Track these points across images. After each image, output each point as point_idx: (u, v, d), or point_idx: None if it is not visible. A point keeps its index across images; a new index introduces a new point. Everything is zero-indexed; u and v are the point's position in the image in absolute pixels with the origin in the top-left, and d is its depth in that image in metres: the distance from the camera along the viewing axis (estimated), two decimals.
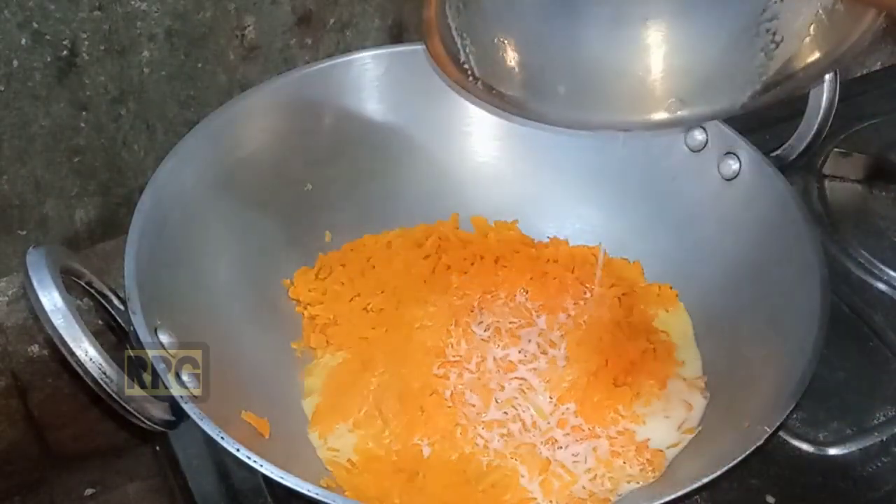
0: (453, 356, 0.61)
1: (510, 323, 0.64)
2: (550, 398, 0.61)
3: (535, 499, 0.56)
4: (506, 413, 0.60)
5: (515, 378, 0.61)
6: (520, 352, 0.63)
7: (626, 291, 0.67)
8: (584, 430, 0.59)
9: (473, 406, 0.60)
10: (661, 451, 0.57)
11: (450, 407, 0.59)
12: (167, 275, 0.57)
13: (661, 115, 0.53)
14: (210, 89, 0.70)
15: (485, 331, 0.64)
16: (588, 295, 0.66)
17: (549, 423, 0.59)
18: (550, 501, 0.55)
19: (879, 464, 0.61)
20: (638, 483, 0.56)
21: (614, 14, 0.52)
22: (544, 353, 0.63)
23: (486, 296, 0.66)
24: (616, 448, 0.58)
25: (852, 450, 0.62)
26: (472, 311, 0.65)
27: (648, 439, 0.59)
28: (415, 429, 0.58)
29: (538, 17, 0.53)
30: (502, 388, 0.61)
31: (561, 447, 0.58)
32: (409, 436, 0.58)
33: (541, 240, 0.72)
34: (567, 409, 0.60)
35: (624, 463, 0.57)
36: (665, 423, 0.60)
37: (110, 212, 0.72)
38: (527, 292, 0.66)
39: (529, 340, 0.63)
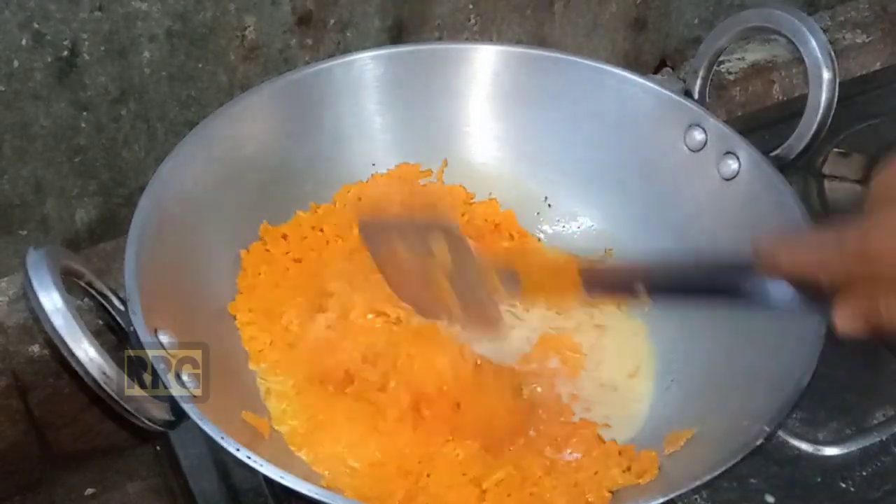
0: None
1: None
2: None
3: (538, 498, 0.55)
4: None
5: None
6: None
7: None
8: (582, 430, 0.59)
9: None
10: (654, 451, 0.58)
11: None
12: (167, 275, 0.57)
13: None
14: (210, 89, 0.70)
15: None
16: None
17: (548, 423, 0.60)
18: (548, 498, 0.55)
19: (879, 464, 0.61)
20: (637, 483, 0.56)
21: None
22: None
23: None
24: (612, 449, 0.58)
25: (852, 450, 0.62)
26: None
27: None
28: (433, 434, 0.58)
29: None
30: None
31: (561, 447, 0.58)
32: (417, 441, 0.58)
33: (538, 235, 0.72)
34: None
35: (620, 465, 0.57)
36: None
37: (110, 212, 0.72)
38: None
39: None
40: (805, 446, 0.62)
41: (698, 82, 0.71)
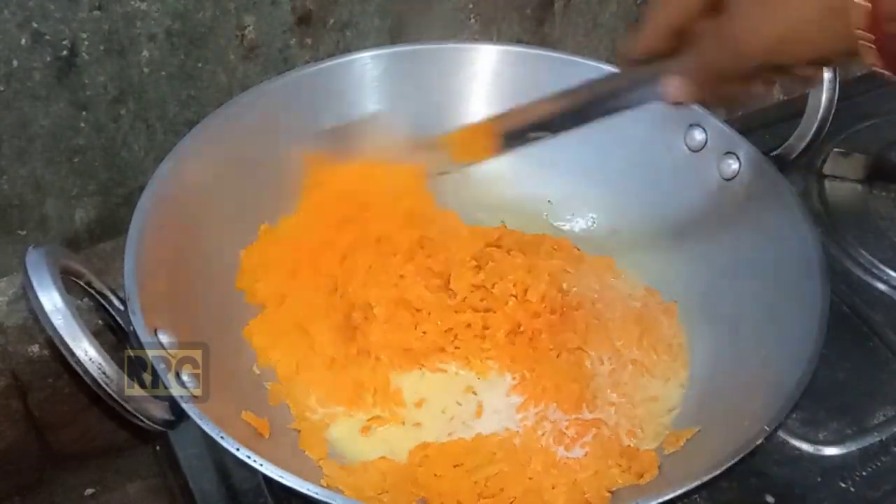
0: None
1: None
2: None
3: (537, 497, 0.55)
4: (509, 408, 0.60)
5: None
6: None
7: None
8: (580, 427, 0.59)
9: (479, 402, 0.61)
10: (653, 451, 0.58)
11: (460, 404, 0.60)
12: (167, 274, 0.57)
13: None
14: (210, 89, 0.70)
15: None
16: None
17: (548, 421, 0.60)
18: (548, 498, 0.55)
19: (879, 464, 0.61)
20: (637, 482, 0.56)
21: None
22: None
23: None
24: (611, 448, 0.58)
25: (852, 450, 0.62)
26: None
27: (635, 443, 0.59)
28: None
29: None
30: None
31: (560, 445, 0.58)
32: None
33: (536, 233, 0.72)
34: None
35: (619, 464, 0.57)
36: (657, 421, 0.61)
37: (110, 212, 0.72)
38: None
39: None
40: (805, 446, 0.62)
41: None
